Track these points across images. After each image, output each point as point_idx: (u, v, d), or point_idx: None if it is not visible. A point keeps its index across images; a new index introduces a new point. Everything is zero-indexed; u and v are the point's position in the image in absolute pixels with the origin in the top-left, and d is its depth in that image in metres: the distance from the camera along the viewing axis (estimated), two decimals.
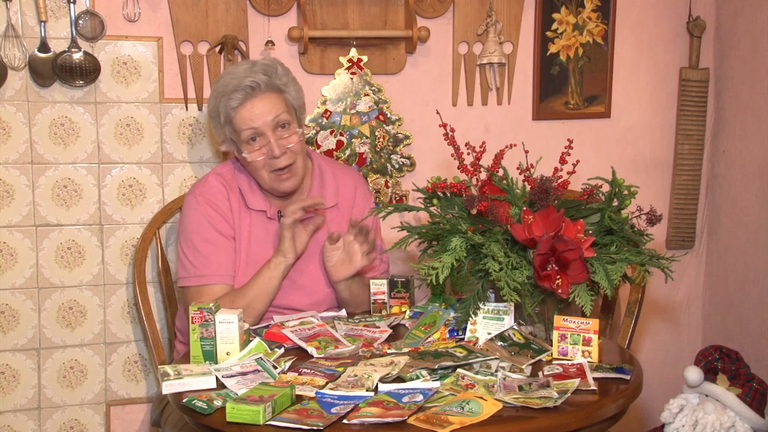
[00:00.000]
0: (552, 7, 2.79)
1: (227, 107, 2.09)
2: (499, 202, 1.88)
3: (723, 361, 2.34)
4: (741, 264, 2.92)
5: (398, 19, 2.65)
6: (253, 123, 2.08)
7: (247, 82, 2.08)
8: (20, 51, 2.36)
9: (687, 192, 3.01)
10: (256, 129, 2.08)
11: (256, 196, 2.19)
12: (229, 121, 2.11)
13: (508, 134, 2.76)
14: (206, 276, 2.12)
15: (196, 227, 2.15)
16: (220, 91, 2.12)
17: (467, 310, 1.87)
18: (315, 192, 2.24)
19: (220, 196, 2.17)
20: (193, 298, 2.12)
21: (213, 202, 2.16)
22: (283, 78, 2.14)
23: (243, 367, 1.73)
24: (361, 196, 2.32)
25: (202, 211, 2.16)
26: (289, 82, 2.16)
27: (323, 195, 2.24)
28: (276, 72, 2.13)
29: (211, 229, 2.14)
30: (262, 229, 2.19)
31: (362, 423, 1.48)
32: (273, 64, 2.15)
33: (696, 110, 2.96)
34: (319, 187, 2.25)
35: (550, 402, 1.55)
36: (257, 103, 2.08)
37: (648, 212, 1.89)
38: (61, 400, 2.51)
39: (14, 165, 2.41)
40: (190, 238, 2.15)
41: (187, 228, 2.17)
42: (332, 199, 2.25)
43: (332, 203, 2.25)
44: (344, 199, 2.28)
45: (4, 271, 2.43)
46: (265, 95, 2.09)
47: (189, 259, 2.14)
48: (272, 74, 2.12)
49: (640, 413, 3.03)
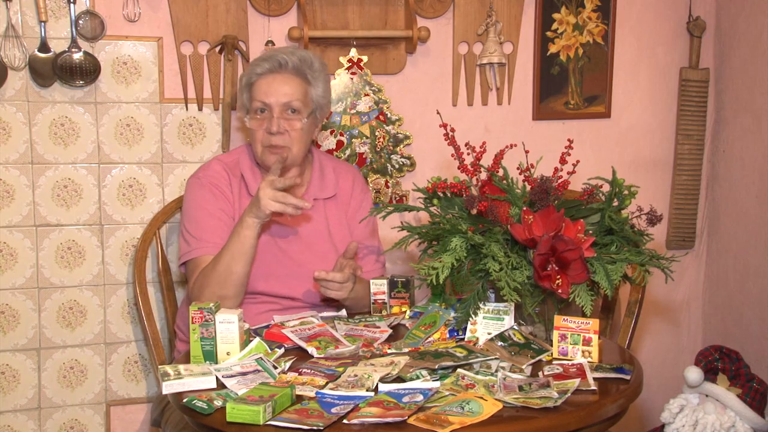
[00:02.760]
0: (552, 7, 2.79)
1: (252, 72, 2.18)
2: (500, 202, 1.88)
3: (723, 361, 2.35)
4: (741, 264, 2.92)
5: (398, 19, 2.65)
6: (266, 98, 2.14)
7: (279, 57, 2.16)
8: (20, 51, 2.36)
9: (687, 192, 3.01)
10: (266, 103, 2.14)
11: (257, 182, 2.21)
12: (249, 85, 2.19)
13: (508, 134, 2.76)
14: (200, 248, 2.12)
15: (200, 203, 2.18)
16: (256, 59, 2.21)
17: (467, 310, 1.87)
18: (315, 184, 2.28)
19: (222, 180, 2.21)
20: (193, 270, 2.13)
21: (216, 184, 2.20)
22: (315, 72, 2.19)
23: (243, 367, 1.73)
24: (358, 190, 2.35)
25: (202, 191, 2.20)
26: (319, 77, 2.20)
27: (322, 186, 2.28)
28: (311, 64, 2.19)
29: (214, 205, 2.17)
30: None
31: (362, 423, 1.48)
32: (312, 58, 2.21)
33: (696, 110, 2.96)
34: (318, 180, 2.29)
35: (550, 402, 1.55)
36: (278, 80, 2.15)
37: (648, 212, 1.89)
38: (61, 400, 2.51)
39: (14, 165, 2.41)
40: (194, 214, 2.17)
41: (191, 205, 2.20)
42: (331, 190, 2.29)
43: (331, 194, 2.29)
44: (342, 191, 2.32)
45: (4, 271, 2.43)
46: (289, 76, 2.16)
47: (191, 233, 2.16)
48: (306, 63, 2.18)
49: (640, 413, 3.03)
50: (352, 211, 2.31)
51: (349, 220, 2.31)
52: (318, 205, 2.26)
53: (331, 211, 2.28)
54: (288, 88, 2.15)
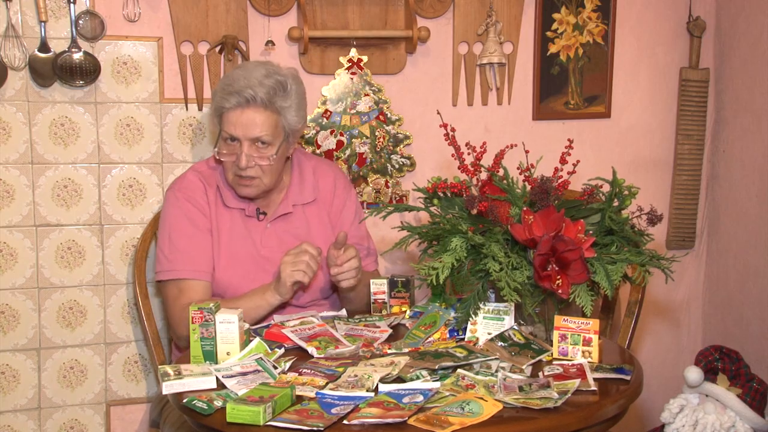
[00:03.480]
0: (552, 7, 2.79)
1: (221, 105, 2.12)
2: (500, 202, 1.88)
3: (723, 361, 2.34)
4: (741, 264, 2.92)
5: (398, 19, 2.65)
6: (235, 131, 2.09)
7: (246, 93, 2.06)
8: (20, 51, 2.36)
9: (687, 192, 3.01)
10: (234, 137, 2.10)
11: (233, 193, 2.21)
12: (219, 116, 2.15)
13: (508, 134, 2.76)
14: (182, 270, 2.14)
15: (172, 221, 2.18)
16: (224, 86, 2.12)
17: (467, 310, 1.87)
18: (294, 189, 2.26)
19: (198, 192, 2.20)
20: (171, 293, 2.15)
21: (191, 197, 2.19)
22: (288, 100, 2.11)
23: (243, 368, 1.73)
24: (341, 189, 2.34)
25: (180, 206, 2.18)
26: (292, 105, 2.12)
27: (302, 191, 2.26)
28: (284, 91, 2.11)
29: (188, 224, 2.17)
30: (242, 225, 2.21)
31: (362, 423, 1.48)
32: (285, 82, 2.11)
33: (696, 110, 2.96)
34: (298, 184, 2.27)
35: (551, 402, 1.55)
36: (247, 114, 2.08)
37: (648, 212, 1.89)
38: (61, 400, 2.51)
39: (14, 165, 2.41)
40: (168, 232, 2.18)
41: (164, 223, 2.20)
42: (310, 194, 2.28)
43: (310, 199, 2.28)
44: (323, 192, 2.30)
45: (4, 271, 2.43)
46: (258, 110, 2.08)
47: (165, 254, 2.17)
48: (278, 93, 2.09)
49: (640, 413, 3.03)
50: (336, 210, 2.31)
51: (332, 219, 2.30)
52: (297, 210, 2.25)
53: (311, 215, 2.27)
54: (257, 121, 2.08)
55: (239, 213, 2.21)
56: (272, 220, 2.23)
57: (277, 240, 2.22)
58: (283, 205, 2.24)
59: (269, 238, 2.22)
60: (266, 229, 2.22)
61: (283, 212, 2.23)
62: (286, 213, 2.23)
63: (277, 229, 2.23)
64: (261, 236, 2.21)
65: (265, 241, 2.21)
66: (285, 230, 2.23)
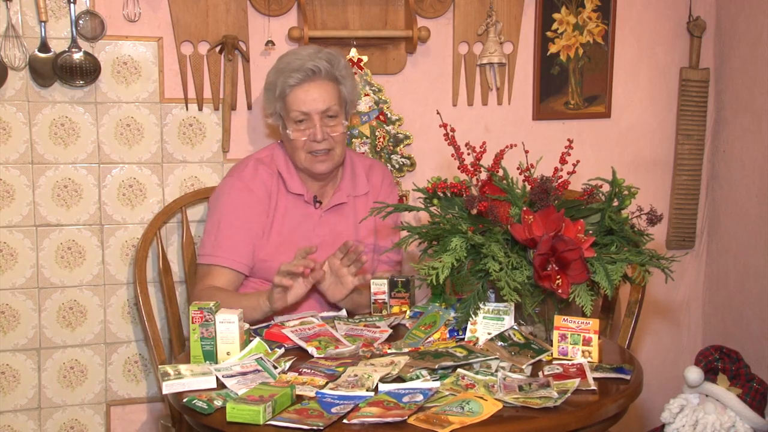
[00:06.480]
0: (552, 7, 2.79)
1: (285, 83, 2.18)
2: (500, 202, 1.88)
3: (723, 361, 2.34)
4: (741, 264, 2.92)
5: (398, 19, 2.65)
6: (305, 107, 2.17)
7: (309, 65, 2.16)
8: (20, 51, 2.36)
9: (687, 192, 3.01)
10: (305, 113, 2.17)
11: (293, 180, 2.26)
12: (283, 97, 2.20)
13: (508, 134, 2.76)
14: (218, 257, 2.18)
15: (225, 208, 2.23)
16: (283, 67, 2.21)
17: (467, 310, 1.87)
18: (347, 182, 2.32)
19: (258, 180, 2.24)
20: (201, 272, 2.21)
21: (249, 187, 2.23)
22: (343, 71, 2.23)
23: (243, 367, 1.73)
24: (386, 186, 2.41)
25: (235, 194, 2.23)
26: (347, 75, 2.24)
27: (354, 184, 2.33)
28: (338, 63, 2.22)
29: (240, 214, 2.21)
30: (299, 212, 2.27)
31: (362, 423, 1.48)
32: (337, 55, 2.24)
33: (696, 110, 2.96)
34: (350, 178, 2.34)
35: (550, 402, 1.55)
36: (314, 88, 2.17)
37: (648, 212, 1.89)
38: (61, 400, 2.51)
39: (14, 165, 2.41)
40: (217, 217, 2.23)
41: (217, 208, 2.25)
42: (363, 187, 2.34)
43: (363, 191, 2.34)
44: (374, 187, 2.37)
45: (5, 271, 2.43)
46: (322, 82, 2.18)
47: (211, 239, 2.21)
48: (335, 64, 2.21)
49: (640, 413, 3.03)
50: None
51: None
52: (350, 202, 2.32)
53: (360, 207, 2.32)
54: (324, 94, 2.18)
55: (298, 199, 2.27)
56: (327, 210, 2.29)
57: (329, 229, 2.28)
58: (338, 196, 2.30)
59: (322, 227, 2.28)
60: (320, 218, 2.28)
61: (338, 202, 2.29)
62: (341, 203, 2.29)
63: (330, 218, 2.29)
64: (315, 224, 2.27)
65: (318, 230, 2.27)
66: (338, 221, 2.29)
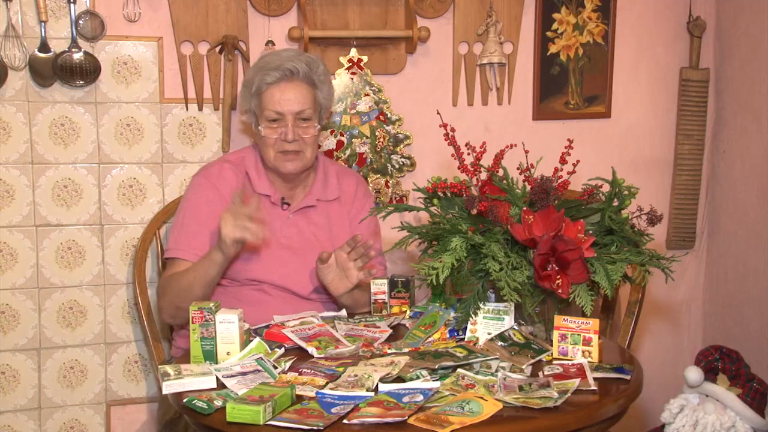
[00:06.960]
0: (552, 7, 2.79)
1: (262, 81, 2.19)
2: (500, 202, 1.88)
3: (723, 361, 2.34)
4: (741, 264, 2.92)
5: (398, 19, 2.65)
6: (279, 107, 2.18)
7: (288, 65, 2.18)
8: (20, 51, 2.36)
9: (687, 192, 3.01)
10: (279, 113, 2.18)
11: (261, 181, 2.27)
12: (258, 94, 2.21)
13: (508, 134, 2.76)
14: (179, 250, 2.19)
15: (190, 205, 2.24)
16: (262, 65, 2.22)
17: (467, 310, 1.87)
18: (318, 186, 2.32)
19: (224, 179, 2.25)
20: (168, 268, 2.22)
21: (214, 184, 2.24)
22: (322, 76, 2.24)
23: (243, 367, 1.73)
24: (361, 194, 2.39)
25: (200, 191, 2.24)
26: (325, 81, 2.26)
27: (325, 189, 2.32)
28: (318, 68, 2.24)
29: (204, 210, 2.21)
30: (265, 212, 2.24)
31: (362, 423, 1.48)
32: (317, 61, 2.26)
33: (696, 110, 2.96)
34: (322, 182, 2.33)
35: (551, 402, 1.55)
36: (290, 89, 2.19)
37: (648, 212, 1.89)
38: (61, 400, 2.51)
39: (14, 165, 2.41)
40: (182, 213, 2.24)
41: (183, 205, 2.26)
42: (333, 192, 2.33)
43: (334, 196, 2.33)
44: (346, 194, 2.35)
45: (5, 271, 2.43)
46: (299, 84, 2.19)
47: (174, 235, 2.23)
48: (314, 68, 2.22)
49: (640, 413, 3.03)
50: (355, 212, 2.34)
51: (351, 221, 2.34)
52: (320, 206, 2.30)
53: (333, 213, 2.32)
54: (300, 97, 2.19)
55: (265, 201, 2.26)
56: (295, 211, 2.28)
57: (297, 230, 2.27)
58: (307, 199, 2.30)
59: (290, 228, 2.27)
60: (288, 219, 2.27)
61: (307, 204, 2.29)
62: (309, 206, 2.29)
63: (298, 220, 2.28)
64: (282, 225, 2.26)
65: (285, 230, 2.26)
66: (306, 223, 2.29)
